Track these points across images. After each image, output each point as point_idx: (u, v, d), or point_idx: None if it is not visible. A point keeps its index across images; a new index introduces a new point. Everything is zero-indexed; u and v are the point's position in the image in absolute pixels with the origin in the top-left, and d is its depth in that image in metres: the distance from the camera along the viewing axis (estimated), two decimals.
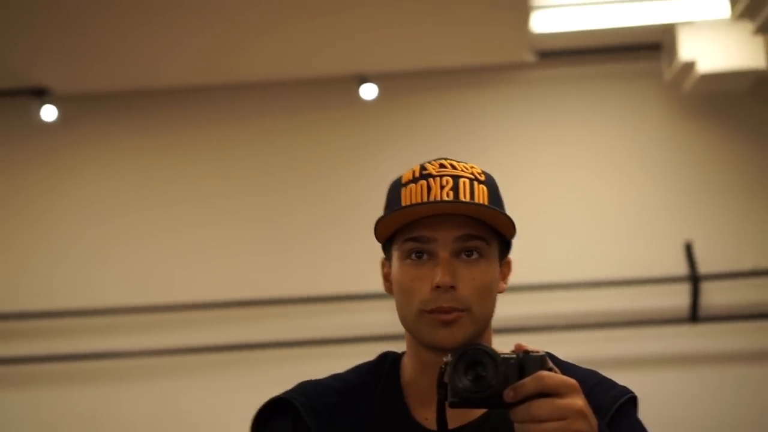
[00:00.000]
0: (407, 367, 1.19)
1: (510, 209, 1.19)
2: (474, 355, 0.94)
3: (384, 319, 3.69)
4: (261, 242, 4.15)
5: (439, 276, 1.08)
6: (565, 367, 1.16)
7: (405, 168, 1.20)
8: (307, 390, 1.19)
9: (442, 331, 1.08)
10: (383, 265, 1.21)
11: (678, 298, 3.92)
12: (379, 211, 1.18)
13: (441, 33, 3.69)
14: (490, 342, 1.16)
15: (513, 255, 1.21)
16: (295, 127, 4.22)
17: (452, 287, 1.08)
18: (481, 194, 1.13)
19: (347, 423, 1.15)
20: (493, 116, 4.19)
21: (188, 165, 4.25)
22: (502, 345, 1.00)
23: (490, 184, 1.16)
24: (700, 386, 3.88)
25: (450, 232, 1.10)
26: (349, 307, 3.96)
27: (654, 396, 3.51)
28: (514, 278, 1.20)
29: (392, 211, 1.12)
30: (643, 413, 1.19)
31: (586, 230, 4.04)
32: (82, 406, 4.06)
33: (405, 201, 1.13)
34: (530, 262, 3.73)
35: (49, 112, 4.10)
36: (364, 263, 2.35)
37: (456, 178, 1.13)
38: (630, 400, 1.16)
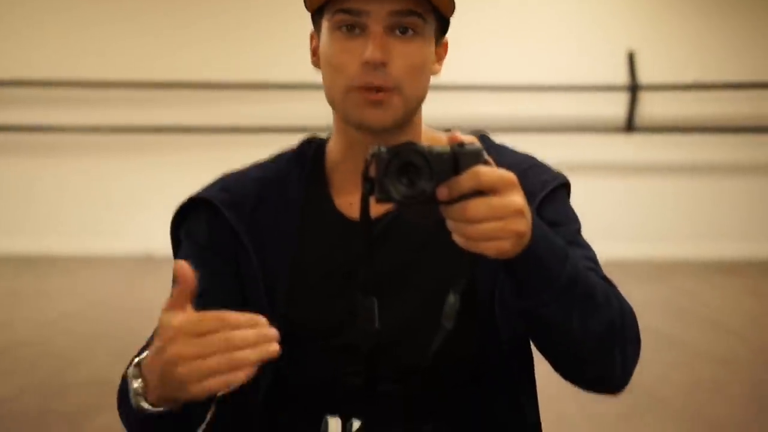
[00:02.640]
0: (333, 149, 1.15)
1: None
2: (406, 154, 0.85)
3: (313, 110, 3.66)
4: (202, 26, 4.02)
5: (370, 51, 1.01)
6: (500, 151, 1.15)
7: None
8: (227, 184, 1.15)
9: (371, 111, 1.03)
10: (312, 38, 1.12)
11: (616, 107, 3.93)
12: None
13: None
14: (419, 135, 1.12)
15: (455, 53, 1.15)
16: None
17: (383, 64, 1.01)
18: None
19: (269, 213, 1.12)
20: None
21: None
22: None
23: None
24: (632, 195, 3.98)
25: (385, 5, 1.01)
26: (282, 96, 3.90)
27: (585, 202, 3.61)
28: (452, 77, 1.14)
29: None
30: None
31: (530, 34, 3.98)
32: (14, 175, 4.03)
33: None
34: (470, 62, 3.67)
35: None
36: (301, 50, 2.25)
37: None
38: (562, 185, 1.13)
